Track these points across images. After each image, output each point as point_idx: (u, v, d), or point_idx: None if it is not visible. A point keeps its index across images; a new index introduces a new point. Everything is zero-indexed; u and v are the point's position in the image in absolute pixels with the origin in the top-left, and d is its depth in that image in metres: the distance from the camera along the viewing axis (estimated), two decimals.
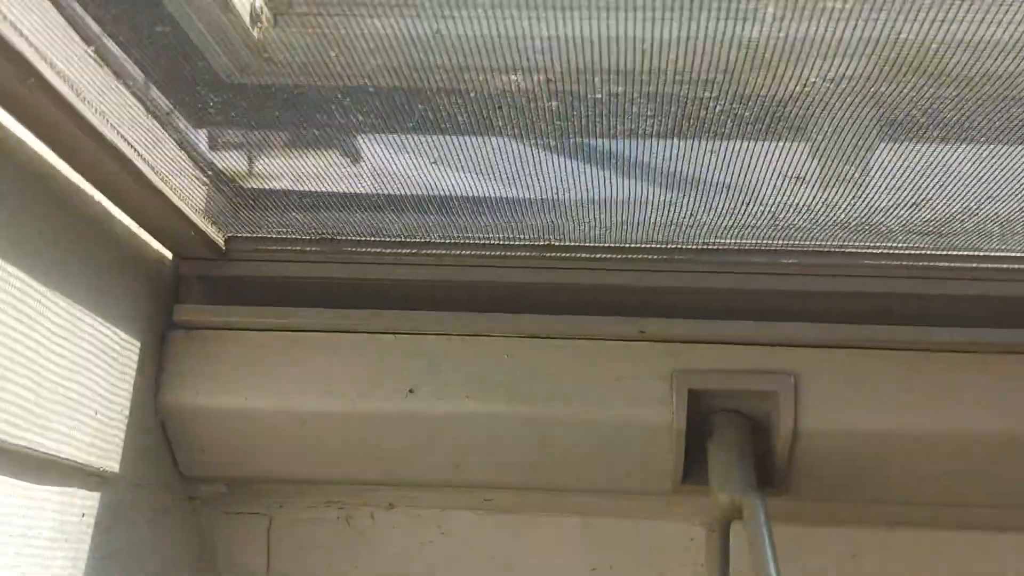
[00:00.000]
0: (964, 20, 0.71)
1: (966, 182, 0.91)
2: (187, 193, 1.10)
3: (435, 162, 1.03)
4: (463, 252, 1.18)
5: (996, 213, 0.98)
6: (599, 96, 0.75)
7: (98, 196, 1.04)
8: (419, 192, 1.11)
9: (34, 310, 0.93)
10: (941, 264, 1.10)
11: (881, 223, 1.02)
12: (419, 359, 1.19)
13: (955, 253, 1.09)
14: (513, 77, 0.76)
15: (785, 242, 1.11)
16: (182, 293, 1.23)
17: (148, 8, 0.83)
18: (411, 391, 1.18)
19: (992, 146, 0.87)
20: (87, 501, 1.08)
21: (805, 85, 0.71)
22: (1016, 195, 0.93)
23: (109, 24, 0.85)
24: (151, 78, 0.94)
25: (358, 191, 1.13)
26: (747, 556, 1.06)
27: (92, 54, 0.86)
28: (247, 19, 0.89)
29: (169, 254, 1.22)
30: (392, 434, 1.20)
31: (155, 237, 1.17)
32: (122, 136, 0.93)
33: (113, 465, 1.10)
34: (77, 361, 1.01)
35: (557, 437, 1.18)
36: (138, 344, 1.15)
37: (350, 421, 1.19)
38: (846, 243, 1.10)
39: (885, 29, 0.68)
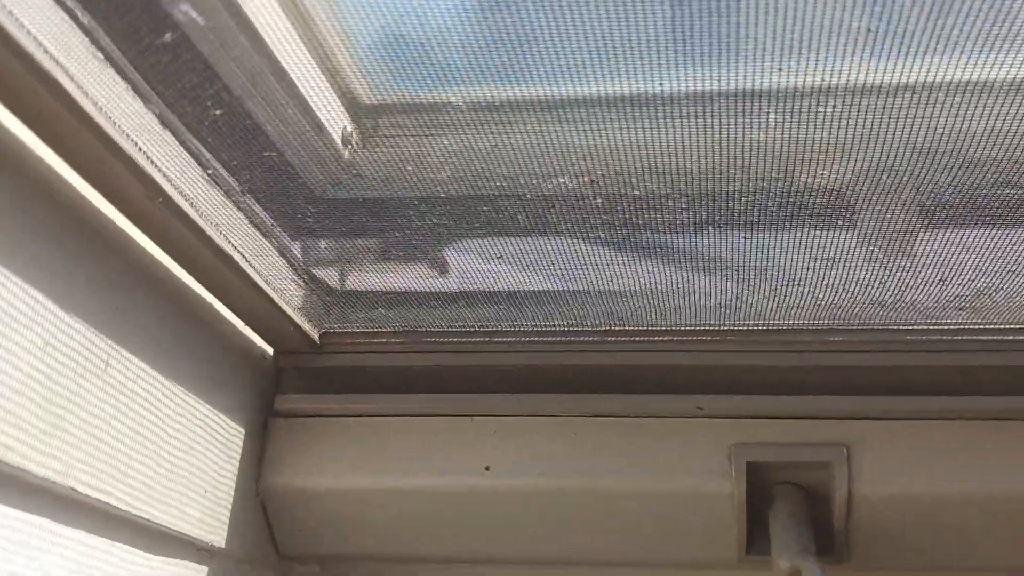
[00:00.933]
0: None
1: (985, 261, 0.98)
2: (286, 294, 1.19)
3: (500, 258, 1.13)
4: (531, 339, 1.25)
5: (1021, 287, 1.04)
6: (637, 193, 0.86)
7: (210, 298, 1.14)
8: (490, 287, 1.19)
9: (156, 398, 1.04)
10: (979, 338, 1.15)
11: (915, 300, 1.09)
12: (494, 439, 1.25)
13: (990, 327, 1.14)
14: (561, 180, 0.87)
15: (829, 321, 1.17)
16: (282, 384, 1.31)
17: (255, 138, 0.94)
18: (487, 468, 1.24)
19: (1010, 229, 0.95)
20: (196, 574, 1.15)
21: (815, 177, 0.81)
22: None
23: (224, 152, 0.96)
24: (256, 196, 1.05)
25: (436, 289, 1.21)
26: None
27: (207, 176, 0.97)
28: (339, 142, 1.01)
29: (270, 349, 1.30)
30: (470, 510, 1.26)
31: (258, 334, 1.26)
32: (233, 245, 1.04)
33: (219, 541, 1.17)
34: (190, 444, 1.10)
35: (625, 510, 1.23)
36: (243, 431, 1.24)
37: (432, 497, 1.26)
38: (887, 321, 1.15)
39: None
